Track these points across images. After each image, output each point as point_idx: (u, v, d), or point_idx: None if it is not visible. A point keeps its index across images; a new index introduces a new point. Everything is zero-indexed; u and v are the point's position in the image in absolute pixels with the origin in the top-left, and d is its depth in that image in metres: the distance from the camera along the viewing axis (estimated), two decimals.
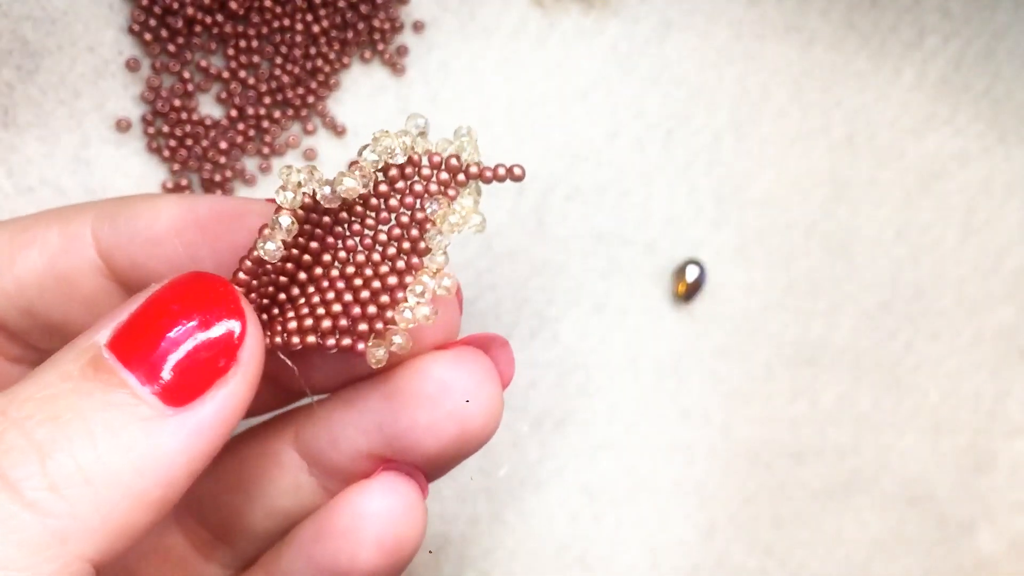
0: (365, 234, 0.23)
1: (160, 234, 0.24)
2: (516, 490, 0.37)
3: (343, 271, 0.23)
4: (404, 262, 0.23)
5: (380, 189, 0.23)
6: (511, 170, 0.23)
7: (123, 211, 0.24)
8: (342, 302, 0.23)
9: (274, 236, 0.22)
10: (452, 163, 0.23)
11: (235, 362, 0.21)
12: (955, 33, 0.38)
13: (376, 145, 0.23)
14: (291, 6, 0.34)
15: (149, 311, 0.21)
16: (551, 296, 0.37)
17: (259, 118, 0.34)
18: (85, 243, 0.24)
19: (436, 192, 0.23)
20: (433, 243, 0.23)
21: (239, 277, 0.23)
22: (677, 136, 0.37)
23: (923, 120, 0.39)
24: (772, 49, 0.37)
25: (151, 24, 0.33)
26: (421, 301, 0.22)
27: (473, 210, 0.23)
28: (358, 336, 0.22)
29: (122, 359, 0.20)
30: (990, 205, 0.39)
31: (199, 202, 0.24)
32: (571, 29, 0.36)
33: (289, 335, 0.23)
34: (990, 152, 0.39)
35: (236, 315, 0.21)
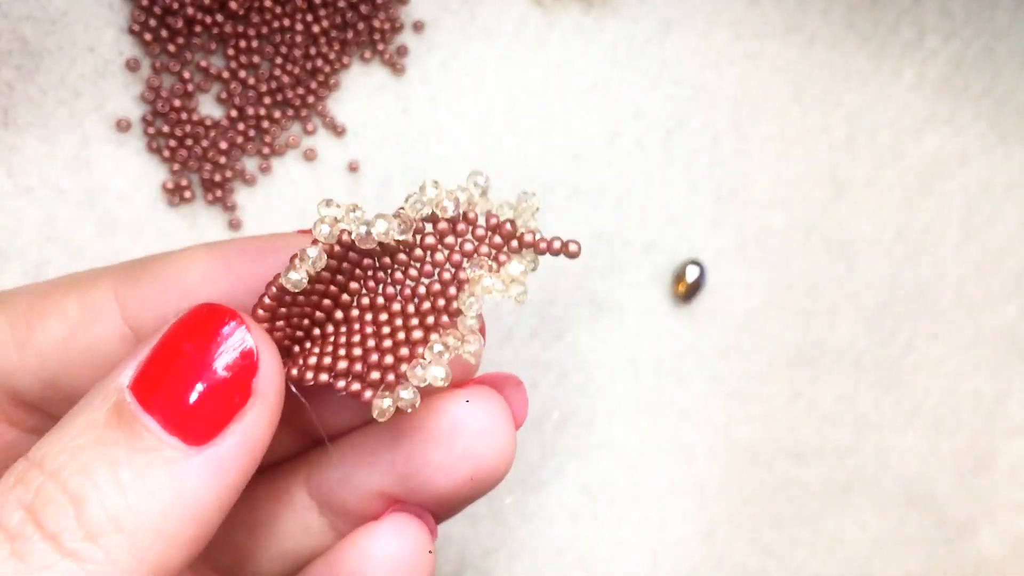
0: (406, 284, 0.23)
1: (189, 288, 0.24)
2: (516, 490, 0.37)
3: (375, 316, 0.23)
4: (434, 319, 0.23)
5: (427, 241, 0.23)
6: (566, 245, 0.23)
7: (147, 272, 0.24)
8: (364, 347, 0.23)
9: (299, 267, 0.22)
10: (507, 228, 0.23)
11: (251, 394, 0.21)
12: (955, 33, 0.38)
13: (422, 194, 0.22)
14: (291, 6, 0.34)
15: (163, 351, 0.21)
16: (551, 296, 0.37)
17: (259, 118, 0.34)
18: (108, 311, 0.24)
19: (486, 254, 0.23)
20: (465, 305, 0.22)
21: (263, 302, 0.23)
22: (677, 136, 0.37)
23: (923, 120, 0.39)
24: (772, 49, 0.37)
25: (151, 24, 0.33)
26: (437, 362, 0.22)
27: (518, 279, 0.22)
28: (368, 384, 0.22)
29: (143, 402, 0.21)
30: (990, 205, 0.39)
31: (230, 248, 0.24)
32: (571, 29, 0.36)
33: (305, 370, 0.23)
34: (990, 152, 0.39)
35: (248, 347, 0.21)
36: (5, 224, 0.33)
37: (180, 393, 0.21)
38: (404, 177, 0.35)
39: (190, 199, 0.34)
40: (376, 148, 0.35)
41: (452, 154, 0.36)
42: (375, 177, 0.35)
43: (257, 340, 0.21)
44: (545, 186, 0.36)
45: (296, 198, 0.35)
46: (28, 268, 0.33)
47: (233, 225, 0.34)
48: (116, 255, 0.34)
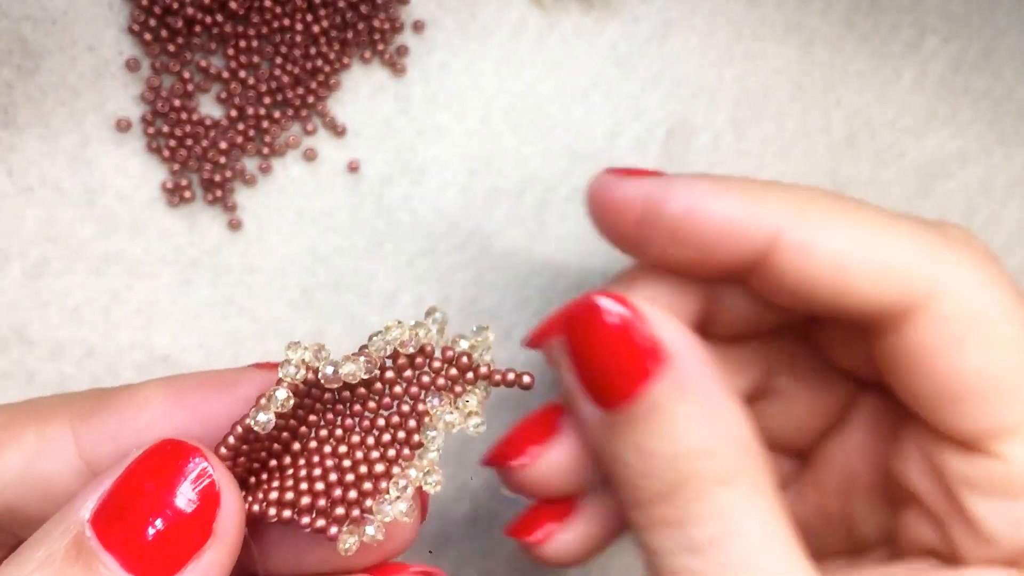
0: (365, 415, 0.24)
1: (146, 425, 0.24)
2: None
3: (335, 449, 0.23)
4: (395, 451, 0.23)
5: (386, 375, 0.23)
6: (520, 377, 0.23)
7: (103, 407, 0.24)
8: (326, 481, 0.23)
9: (268, 408, 0.22)
10: (463, 361, 0.23)
11: (211, 534, 0.21)
12: (955, 34, 0.38)
13: (387, 334, 0.23)
14: (291, 6, 0.34)
15: (126, 485, 0.21)
16: (551, 296, 0.37)
17: (259, 118, 0.34)
18: (63, 445, 0.24)
19: (443, 386, 0.23)
20: (427, 439, 0.23)
21: (228, 442, 0.23)
22: (677, 136, 0.37)
23: (923, 120, 0.39)
24: (772, 49, 0.37)
25: (151, 24, 0.33)
26: (402, 496, 0.22)
27: (475, 410, 0.23)
28: (333, 520, 0.23)
29: (102, 538, 0.21)
30: (990, 205, 0.39)
31: (185, 384, 0.24)
32: (571, 29, 0.36)
33: (267, 505, 0.23)
34: (990, 152, 0.39)
35: (211, 487, 0.21)
36: (5, 224, 0.33)
37: (140, 530, 0.21)
38: (404, 177, 0.35)
39: (190, 199, 0.34)
40: (376, 148, 0.35)
41: (452, 154, 0.36)
42: (375, 177, 0.35)
43: (220, 479, 0.21)
44: (545, 186, 0.36)
45: (296, 198, 0.35)
46: (28, 268, 0.33)
47: (233, 225, 0.34)
48: (116, 255, 0.34)
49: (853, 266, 0.27)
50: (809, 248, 0.27)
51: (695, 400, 0.27)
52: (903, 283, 0.27)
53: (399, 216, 0.36)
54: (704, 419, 0.27)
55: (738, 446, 0.27)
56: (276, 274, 0.35)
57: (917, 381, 0.28)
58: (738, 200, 0.28)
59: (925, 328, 0.27)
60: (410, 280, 0.36)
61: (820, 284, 0.27)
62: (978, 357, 0.27)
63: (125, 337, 0.34)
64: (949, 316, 0.27)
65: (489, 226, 0.36)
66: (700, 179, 0.29)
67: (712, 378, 0.28)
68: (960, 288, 0.27)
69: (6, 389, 0.33)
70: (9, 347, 0.33)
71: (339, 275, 0.35)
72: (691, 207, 0.28)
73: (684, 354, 0.27)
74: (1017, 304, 0.27)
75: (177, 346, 0.35)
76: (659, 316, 0.28)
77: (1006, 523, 0.27)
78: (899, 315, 0.27)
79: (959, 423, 0.27)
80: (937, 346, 0.27)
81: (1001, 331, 0.27)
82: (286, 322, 0.35)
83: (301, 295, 0.35)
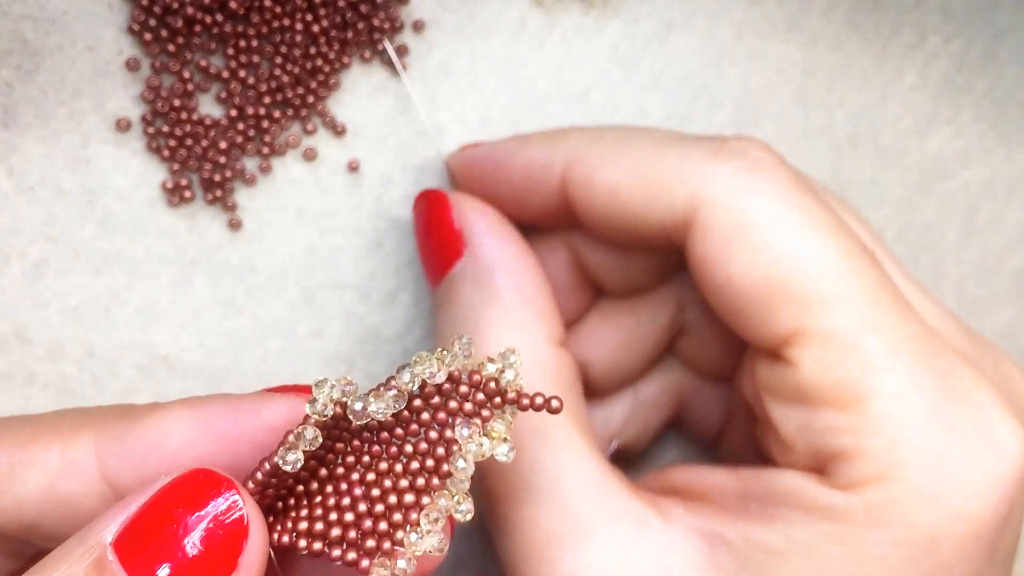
0: (392, 442, 0.23)
1: (172, 451, 0.23)
2: None
3: (363, 476, 0.23)
4: (425, 481, 0.23)
5: (414, 404, 0.23)
6: (548, 402, 0.23)
7: (129, 430, 0.24)
8: (355, 512, 0.23)
9: (297, 447, 0.22)
10: (491, 387, 0.23)
11: (235, 568, 0.21)
12: (957, 34, 0.38)
13: (415, 367, 0.23)
14: (291, 6, 0.34)
15: (153, 512, 0.21)
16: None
17: (259, 118, 0.34)
18: (87, 466, 0.24)
19: (471, 412, 0.23)
20: (456, 469, 0.23)
21: (256, 477, 0.23)
22: None
23: (925, 120, 0.39)
24: (774, 49, 0.37)
25: (151, 24, 0.33)
26: (433, 529, 0.22)
27: (503, 436, 0.23)
28: (364, 552, 0.22)
29: (125, 562, 0.20)
30: (992, 205, 0.39)
31: (211, 409, 0.24)
32: (571, 29, 0.36)
33: (298, 536, 0.23)
34: (992, 152, 0.39)
35: (240, 521, 0.21)
36: (5, 224, 0.33)
37: (163, 557, 0.21)
38: (404, 177, 0.35)
39: (190, 199, 0.34)
40: (376, 148, 0.35)
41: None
42: (375, 177, 0.35)
43: (249, 513, 0.21)
44: None
45: (296, 198, 0.35)
46: (28, 268, 0.33)
47: (233, 225, 0.34)
48: (116, 255, 0.34)
49: (625, 192, 0.29)
50: (589, 182, 0.30)
51: (480, 286, 0.30)
52: (669, 199, 0.28)
53: (399, 216, 0.36)
54: (483, 305, 0.30)
55: (515, 315, 0.30)
56: (276, 274, 0.35)
57: (707, 295, 0.29)
58: (533, 149, 0.32)
59: (696, 241, 0.28)
60: (410, 280, 0.36)
61: (607, 213, 0.30)
62: (745, 264, 0.27)
63: (125, 337, 0.34)
64: (713, 226, 0.28)
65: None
66: (511, 138, 0.33)
67: (503, 268, 0.30)
68: (718, 198, 0.28)
69: (6, 389, 0.33)
70: (9, 347, 0.33)
71: (339, 275, 0.35)
72: (501, 161, 0.32)
73: (481, 244, 0.31)
74: (790, 206, 0.28)
75: (177, 346, 0.35)
76: (470, 205, 0.32)
77: (799, 428, 0.28)
78: (680, 232, 0.29)
79: (748, 332, 0.28)
80: (709, 257, 0.28)
81: (767, 236, 0.27)
82: (286, 322, 0.35)
83: (301, 295, 0.35)
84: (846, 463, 0.26)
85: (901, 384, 0.26)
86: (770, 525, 0.27)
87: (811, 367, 0.27)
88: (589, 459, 0.29)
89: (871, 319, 0.27)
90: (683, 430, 0.37)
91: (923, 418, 0.26)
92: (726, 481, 0.29)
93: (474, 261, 0.31)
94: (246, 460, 0.23)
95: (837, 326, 0.27)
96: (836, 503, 0.26)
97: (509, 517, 0.28)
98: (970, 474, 0.26)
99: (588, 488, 0.28)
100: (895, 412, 0.26)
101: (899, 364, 0.26)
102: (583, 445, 0.29)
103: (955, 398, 0.27)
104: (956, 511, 0.26)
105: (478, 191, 0.33)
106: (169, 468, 0.22)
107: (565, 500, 0.28)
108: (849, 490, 0.26)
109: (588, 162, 0.30)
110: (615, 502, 0.28)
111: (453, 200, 0.32)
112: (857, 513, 0.26)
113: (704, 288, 0.29)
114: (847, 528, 0.26)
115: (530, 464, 0.28)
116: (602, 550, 0.27)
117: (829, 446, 0.27)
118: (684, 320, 0.34)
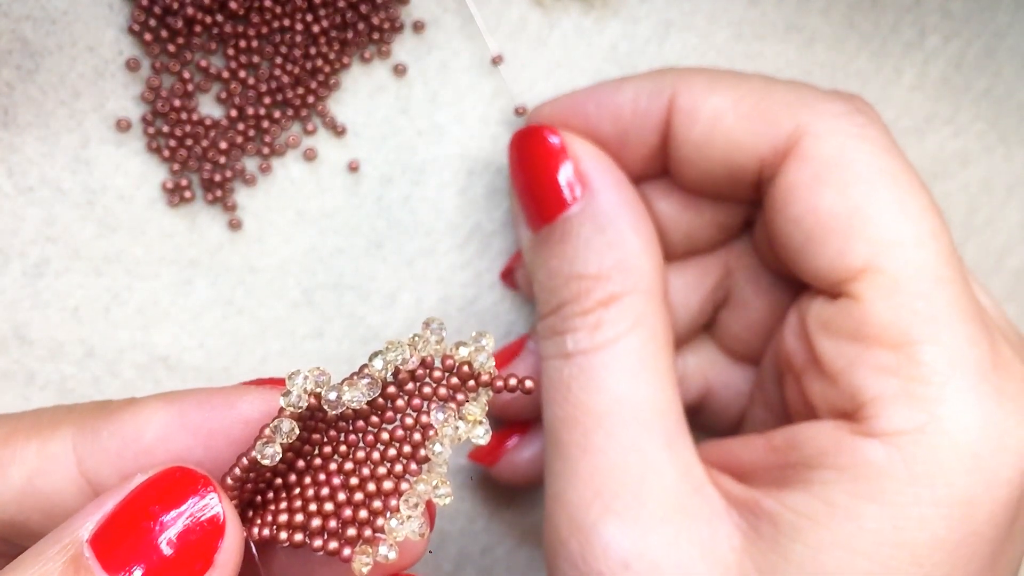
0: (368, 431, 0.23)
1: (148, 445, 0.23)
2: (515, 488, 0.38)
3: (341, 466, 0.23)
4: (402, 467, 0.23)
5: (388, 390, 0.23)
6: (522, 382, 0.23)
7: (105, 424, 0.24)
8: (335, 501, 0.23)
9: (274, 440, 0.22)
10: (464, 371, 0.23)
11: (211, 565, 0.21)
12: (956, 33, 0.38)
13: (387, 354, 0.23)
14: (291, 6, 0.34)
15: (130, 509, 0.21)
16: None
17: (259, 118, 0.34)
18: (65, 462, 0.24)
19: (445, 396, 0.23)
20: (433, 453, 0.23)
21: (235, 473, 0.23)
22: None
23: (924, 120, 0.39)
24: (773, 49, 0.37)
25: (151, 24, 0.33)
26: (413, 514, 0.22)
27: (478, 419, 0.23)
28: (345, 541, 0.23)
29: (101, 559, 0.21)
30: (991, 205, 0.39)
31: (186, 403, 0.24)
32: (571, 29, 0.36)
33: (278, 529, 0.23)
34: (991, 152, 0.39)
35: (216, 519, 0.21)
36: (5, 224, 0.33)
37: (140, 554, 0.21)
38: (404, 177, 0.35)
39: (190, 199, 0.34)
40: (376, 148, 0.35)
41: (452, 154, 0.36)
42: (375, 177, 0.35)
43: (225, 510, 0.21)
44: None
45: (296, 198, 0.35)
46: (28, 268, 0.33)
47: (233, 225, 0.34)
48: (116, 255, 0.34)
49: (731, 119, 0.30)
50: (695, 107, 0.31)
51: (602, 230, 0.31)
52: (775, 127, 0.29)
53: (399, 216, 0.36)
54: (606, 248, 0.30)
55: (631, 277, 0.30)
56: (276, 274, 0.35)
57: (783, 226, 0.29)
58: (639, 81, 0.32)
59: (790, 169, 0.29)
60: (410, 280, 0.36)
61: (706, 141, 0.30)
62: (832, 196, 0.28)
63: (125, 337, 0.34)
64: (811, 156, 0.29)
65: (489, 226, 0.36)
66: (606, 81, 0.33)
67: (627, 214, 0.31)
68: (824, 132, 0.29)
69: (6, 389, 0.33)
70: (9, 347, 0.33)
71: (339, 275, 0.35)
72: (603, 99, 0.32)
73: (604, 188, 0.31)
74: (882, 152, 0.29)
75: (177, 346, 0.35)
76: (587, 150, 0.32)
77: (847, 364, 0.28)
78: (775, 162, 0.30)
79: (816, 265, 0.29)
80: (798, 185, 0.29)
81: (858, 173, 0.28)
82: (286, 322, 0.35)
83: (301, 295, 0.35)
84: (888, 406, 0.27)
85: (958, 340, 0.27)
86: (808, 490, 0.27)
87: (875, 303, 0.27)
88: (683, 450, 0.29)
89: (940, 273, 0.27)
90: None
91: (973, 379, 0.26)
92: (761, 452, 0.29)
93: (594, 204, 0.31)
94: (222, 454, 0.23)
95: (908, 270, 0.27)
96: (875, 457, 0.26)
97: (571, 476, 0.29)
98: (1009, 441, 0.26)
99: (676, 480, 0.29)
100: (947, 365, 0.26)
101: (958, 322, 0.27)
102: (676, 433, 0.29)
103: (1002, 368, 0.27)
104: (995, 476, 0.26)
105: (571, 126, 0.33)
106: (145, 463, 0.23)
107: (652, 490, 0.28)
108: (886, 439, 0.26)
109: (696, 88, 0.31)
110: (697, 494, 0.29)
111: (567, 141, 0.32)
112: (897, 468, 0.26)
113: (784, 217, 0.29)
114: (886, 485, 0.26)
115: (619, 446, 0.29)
116: (662, 532, 0.28)
117: (873, 386, 0.27)
118: (729, 286, 0.34)
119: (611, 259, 0.30)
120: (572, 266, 0.31)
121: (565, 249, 0.31)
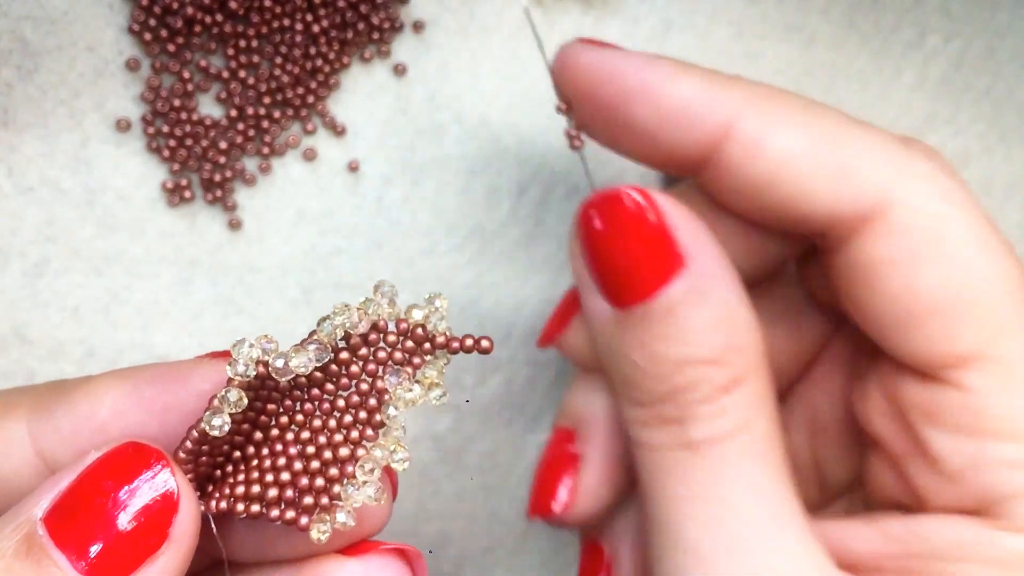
0: (323, 399, 0.23)
1: (103, 423, 0.23)
2: (515, 488, 0.37)
3: (297, 435, 0.23)
4: (358, 433, 0.23)
5: (341, 356, 0.23)
6: (478, 342, 0.23)
7: (59, 403, 0.24)
8: (291, 470, 0.23)
9: (221, 410, 0.22)
10: (418, 333, 0.23)
11: (167, 538, 0.21)
12: (956, 33, 0.38)
13: (335, 318, 0.22)
14: (291, 6, 0.34)
15: (83, 486, 0.21)
16: (551, 296, 0.37)
17: (259, 118, 0.34)
18: (20, 443, 0.24)
19: (400, 360, 0.23)
20: (388, 417, 0.23)
21: (186, 447, 0.22)
22: None
23: (924, 120, 0.39)
24: (773, 49, 0.37)
25: (151, 24, 0.33)
26: (369, 480, 0.22)
27: (436, 382, 0.23)
28: (302, 510, 0.22)
29: (55, 536, 0.20)
30: (991, 205, 0.39)
31: (140, 378, 0.23)
32: (571, 29, 0.36)
33: (235, 501, 0.23)
34: (991, 152, 0.39)
35: (170, 491, 0.21)
36: (5, 224, 0.33)
37: (94, 531, 0.21)
38: (404, 177, 0.35)
39: (190, 199, 0.34)
40: (376, 148, 0.35)
41: (452, 154, 0.36)
42: (375, 177, 0.35)
43: (179, 483, 0.21)
44: (545, 185, 0.36)
45: (296, 198, 0.35)
46: (28, 268, 0.33)
47: (233, 225, 0.34)
48: (116, 255, 0.34)
49: (805, 166, 0.26)
50: (761, 142, 0.26)
51: (710, 306, 0.26)
52: (858, 188, 0.26)
53: (399, 216, 0.36)
54: (717, 326, 0.26)
55: (746, 356, 0.27)
56: (276, 274, 0.35)
57: (871, 300, 0.26)
58: (696, 83, 0.27)
59: (880, 240, 0.26)
60: (410, 280, 0.36)
61: (770, 183, 0.26)
62: (934, 274, 0.25)
63: (125, 337, 0.34)
64: (905, 228, 0.26)
65: (489, 226, 0.36)
66: (663, 59, 0.28)
67: (729, 285, 0.27)
68: (919, 199, 0.26)
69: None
70: (9, 347, 0.33)
71: (339, 275, 0.35)
72: (649, 83, 0.27)
73: (704, 257, 0.27)
74: (978, 221, 0.26)
75: (177, 346, 0.35)
76: (682, 214, 0.27)
77: (968, 461, 0.26)
78: (853, 225, 0.26)
79: (915, 348, 0.26)
80: (891, 260, 0.26)
81: (959, 248, 0.26)
82: (286, 322, 0.35)
83: (301, 295, 0.35)
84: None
85: None
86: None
87: (992, 395, 0.25)
88: (813, 541, 0.26)
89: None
90: None
91: None
92: (876, 541, 0.27)
93: (698, 278, 0.27)
94: (176, 428, 0.23)
95: (1020, 355, 0.25)
96: (1018, 548, 0.25)
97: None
98: None
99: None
100: None
101: None
102: (806, 524, 0.26)
103: None
104: None
105: (595, 103, 0.28)
106: (100, 440, 0.22)
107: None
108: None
109: (764, 119, 0.26)
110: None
111: (660, 207, 0.27)
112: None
113: (875, 292, 0.26)
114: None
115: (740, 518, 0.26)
116: None
117: (1006, 483, 0.25)
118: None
119: (723, 339, 0.27)
120: (682, 349, 0.27)
121: (669, 331, 0.27)
